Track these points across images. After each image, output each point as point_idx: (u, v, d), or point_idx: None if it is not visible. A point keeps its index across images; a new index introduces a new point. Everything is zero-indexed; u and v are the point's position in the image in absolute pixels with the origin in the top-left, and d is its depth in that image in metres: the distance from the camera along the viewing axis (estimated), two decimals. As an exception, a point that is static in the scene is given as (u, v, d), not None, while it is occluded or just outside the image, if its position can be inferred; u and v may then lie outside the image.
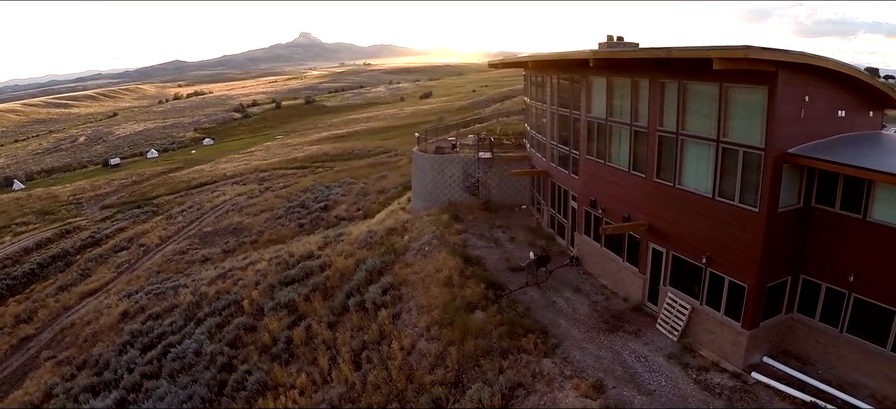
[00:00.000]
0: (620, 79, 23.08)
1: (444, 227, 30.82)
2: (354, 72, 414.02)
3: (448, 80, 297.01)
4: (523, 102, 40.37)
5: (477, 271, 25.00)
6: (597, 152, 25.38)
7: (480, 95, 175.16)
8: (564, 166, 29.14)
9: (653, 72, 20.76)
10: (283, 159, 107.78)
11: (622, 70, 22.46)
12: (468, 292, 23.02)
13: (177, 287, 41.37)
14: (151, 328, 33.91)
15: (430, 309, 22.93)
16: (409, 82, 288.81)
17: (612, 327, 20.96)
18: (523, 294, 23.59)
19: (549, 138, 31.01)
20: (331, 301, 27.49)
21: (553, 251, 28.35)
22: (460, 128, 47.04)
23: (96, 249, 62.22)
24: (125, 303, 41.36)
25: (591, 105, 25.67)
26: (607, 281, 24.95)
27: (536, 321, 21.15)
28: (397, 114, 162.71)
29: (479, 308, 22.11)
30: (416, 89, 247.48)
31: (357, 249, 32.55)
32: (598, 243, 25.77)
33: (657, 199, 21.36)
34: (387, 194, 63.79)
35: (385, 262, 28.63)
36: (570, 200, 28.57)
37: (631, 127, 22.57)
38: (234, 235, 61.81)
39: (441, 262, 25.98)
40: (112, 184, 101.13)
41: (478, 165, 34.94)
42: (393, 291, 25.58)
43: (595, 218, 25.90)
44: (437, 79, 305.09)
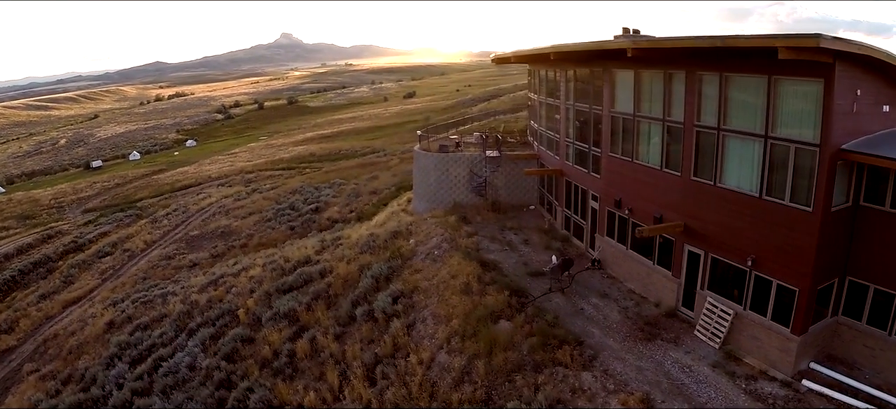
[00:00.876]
0: (651, 72, 21.74)
1: (452, 229, 29.10)
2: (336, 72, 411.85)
3: (431, 79, 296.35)
4: (528, 98, 38.73)
5: (495, 276, 23.34)
6: (622, 150, 24.06)
7: (465, 94, 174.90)
8: (583, 165, 27.60)
9: (691, 64, 19.41)
10: (269, 160, 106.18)
11: (655, 62, 21.01)
12: (490, 299, 21.32)
13: (165, 295, 39.20)
14: (140, 340, 31.76)
15: (448, 319, 21.18)
16: (392, 82, 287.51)
17: (648, 335, 19.69)
18: (548, 301, 22.04)
19: (565, 136, 29.44)
20: (335, 310, 25.59)
21: (571, 254, 26.77)
22: (459, 126, 45.22)
23: (79, 254, 59.64)
24: (111, 312, 39.10)
25: (616, 100, 24.32)
26: (635, 285, 23.60)
27: (569, 331, 19.59)
28: (382, 114, 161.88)
29: (503, 317, 20.43)
30: (399, 89, 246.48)
31: (359, 253, 30.67)
32: (623, 246, 24.47)
33: (694, 198, 20.10)
34: (380, 195, 61.93)
35: (392, 267, 26.80)
36: (590, 200, 27.08)
37: (663, 122, 21.21)
38: (222, 238, 59.59)
39: (455, 267, 24.22)
40: (94, 187, 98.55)
41: (485, 164, 33.18)
42: (404, 299, 23.76)
43: (620, 219, 24.54)
44: (419, 79, 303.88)
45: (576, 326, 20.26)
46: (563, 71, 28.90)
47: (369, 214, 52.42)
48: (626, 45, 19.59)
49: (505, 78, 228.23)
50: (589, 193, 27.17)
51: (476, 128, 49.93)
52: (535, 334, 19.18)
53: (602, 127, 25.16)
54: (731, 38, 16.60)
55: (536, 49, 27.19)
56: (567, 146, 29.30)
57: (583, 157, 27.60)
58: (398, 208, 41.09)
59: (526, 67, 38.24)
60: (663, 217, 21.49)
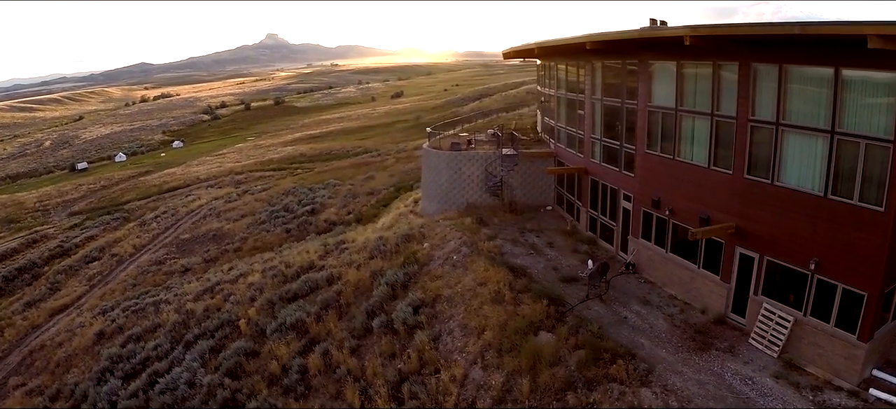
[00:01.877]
0: (697, 63, 20.14)
1: (470, 232, 27.19)
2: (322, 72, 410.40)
3: (418, 79, 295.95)
4: (541, 95, 36.90)
5: (527, 283, 21.43)
6: (661, 147, 22.43)
7: (454, 94, 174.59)
8: (612, 163, 25.90)
9: (745, 54, 17.81)
10: (258, 161, 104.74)
11: (704, 53, 19.29)
12: (526, 309, 19.46)
13: (157, 303, 36.97)
14: (133, 352, 29.58)
15: (479, 331, 19.29)
16: (379, 82, 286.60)
17: (701, 345, 18.15)
18: (586, 309, 20.26)
19: (590, 133, 27.71)
20: (348, 321, 23.58)
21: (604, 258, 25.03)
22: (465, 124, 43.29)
23: (65, 259, 57.19)
24: (100, 322, 36.86)
25: (653, 94, 22.68)
26: (676, 291, 22.01)
27: (619, 343, 17.78)
28: (370, 114, 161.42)
29: (543, 329, 18.60)
30: (386, 89, 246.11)
31: (368, 259, 28.67)
32: (661, 248, 22.87)
33: (748, 198, 18.55)
34: (378, 196, 60.12)
35: (408, 274, 24.81)
36: (621, 200, 25.36)
37: (711, 117, 19.60)
38: (214, 242, 57.42)
39: (481, 274, 22.31)
40: (80, 189, 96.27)
41: (500, 163, 31.27)
42: (426, 309, 21.80)
43: (658, 220, 22.92)
44: (406, 78, 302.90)
45: (622, 336, 18.53)
46: (590, 64, 27.15)
47: (370, 215, 50.51)
48: (683, 32, 17.79)
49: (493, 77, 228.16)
50: (620, 193, 25.47)
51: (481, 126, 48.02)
52: (583, 347, 17.40)
53: (637, 123, 23.52)
54: (812, 24, 14.89)
55: (566, 39, 25.30)
56: (593, 144, 27.58)
57: (613, 155, 25.90)
58: (405, 209, 39.07)
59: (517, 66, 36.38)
60: (711, 218, 20.00)
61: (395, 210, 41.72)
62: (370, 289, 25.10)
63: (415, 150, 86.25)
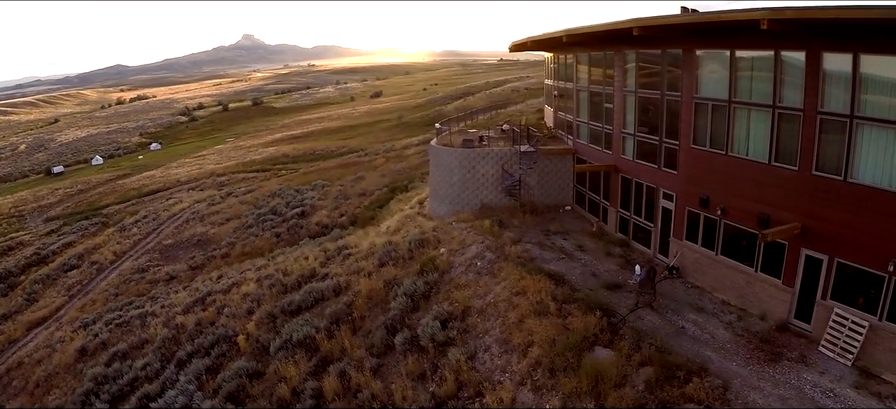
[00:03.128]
0: (752, 53, 18.37)
1: (491, 236, 24.93)
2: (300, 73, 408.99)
3: (396, 79, 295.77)
4: (554, 89, 34.73)
5: (568, 292, 19.19)
6: (711, 141, 20.42)
7: (434, 93, 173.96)
8: (649, 159, 23.85)
9: (813, 41, 16.11)
10: (239, 162, 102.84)
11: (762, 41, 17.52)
12: (575, 322, 17.24)
13: (143, 316, 34.24)
14: (119, 372, 26.90)
15: (523, 347, 17.05)
16: (357, 82, 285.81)
17: (770, 356, 16.30)
18: (638, 319, 18.12)
19: (620, 127, 25.61)
20: (365, 337, 21.16)
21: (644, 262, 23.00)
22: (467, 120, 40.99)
23: (43, 268, 54.03)
24: (82, 336, 34.06)
25: (700, 84, 20.72)
26: (728, 296, 20.07)
27: (687, 357, 15.74)
28: (351, 114, 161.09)
29: (599, 344, 16.40)
30: (364, 89, 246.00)
31: (378, 266, 26.29)
32: (709, 250, 20.90)
33: (816, 197, 16.84)
34: (371, 197, 57.79)
35: (428, 283, 22.43)
36: (660, 199, 23.29)
37: (772, 109, 17.74)
38: (199, 248, 54.68)
39: (517, 282, 20.04)
40: (56, 194, 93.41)
41: (518, 160, 29.02)
42: (456, 322, 19.47)
43: (706, 220, 20.96)
44: (384, 78, 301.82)
45: (685, 348, 16.48)
46: (621, 54, 25.07)
47: (366, 218, 48.12)
48: (760, 16, 15.70)
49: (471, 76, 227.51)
50: (659, 192, 23.42)
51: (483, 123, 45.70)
52: (650, 364, 15.29)
53: (681, 116, 21.49)
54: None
55: (602, 25, 22.97)
56: (623, 139, 25.51)
57: (649, 150, 23.84)
58: (411, 211, 36.59)
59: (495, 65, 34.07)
60: (771, 218, 18.16)
61: (399, 212, 39.27)
62: (386, 300, 22.71)
63: (404, 149, 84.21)
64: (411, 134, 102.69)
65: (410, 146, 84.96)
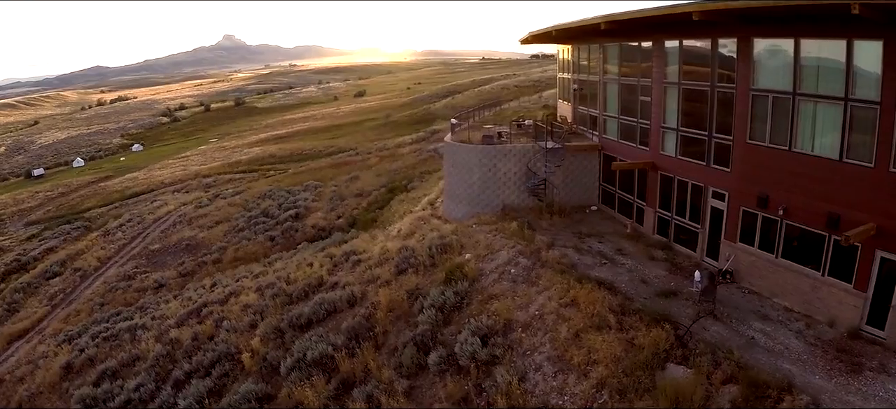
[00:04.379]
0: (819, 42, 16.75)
1: (523, 240, 22.76)
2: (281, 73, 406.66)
3: (379, 78, 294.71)
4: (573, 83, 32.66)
5: (622, 302, 17.08)
6: (771, 137, 18.57)
7: (420, 91, 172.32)
8: (696, 156, 21.91)
9: None
10: (225, 163, 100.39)
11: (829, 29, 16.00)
12: (641, 336, 15.20)
13: (133, 329, 31.64)
14: (110, 393, 24.38)
15: (582, 366, 14.96)
16: (340, 82, 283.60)
17: (851, 367, 14.67)
18: (703, 330, 16.14)
19: (660, 122, 23.59)
20: (390, 355, 18.89)
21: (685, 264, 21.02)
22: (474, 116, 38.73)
23: (23, 275, 51.08)
24: (67, 351, 31.44)
25: (757, 75, 18.87)
26: (791, 302, 18.26)
27: (770, 372, 13.85)
28: (336, 113, 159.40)
29: (671, 360, 14.39)
30: (348, 88, 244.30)
31: (395, 273, 24.01)
32: (768, 253, 19.06)
33: (894, 194, 15.20)
34: (369, 198, 55.56)
35: (458, 293, 20.18)
36: (709, 198, 21.29)
37: (845, 102, 16.01)
38: (188, 253, 52.10)
39: (563, 291, 17.90)
40: (36, 197, 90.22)
41: (545, 158, 26.86)
42: (498, 338, 17.24)
43: (765, 221, 19.14)
44: (367, 78, 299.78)
45: (761, 362, 14.59)
46: (660, 43, 23.07)
47: (367, 220, 45.86)
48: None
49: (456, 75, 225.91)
50: (707, 191, 21.46)
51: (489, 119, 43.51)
52: (734, 381, 13.45)
53: (736, 109, 19.63)
54: None
55: (654, 10, 20.69)
56: (663, 134, 23.48)
57: (696, 146, 21.87)
58: (423, 212, 34.18)
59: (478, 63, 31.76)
60: (842, 218, 16.43)
61: (408, 214, 36.86)
62: (410, 313, 20.45)
63: (398, 148, 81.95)
64: (400, 133, 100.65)
65: (404, 145, 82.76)
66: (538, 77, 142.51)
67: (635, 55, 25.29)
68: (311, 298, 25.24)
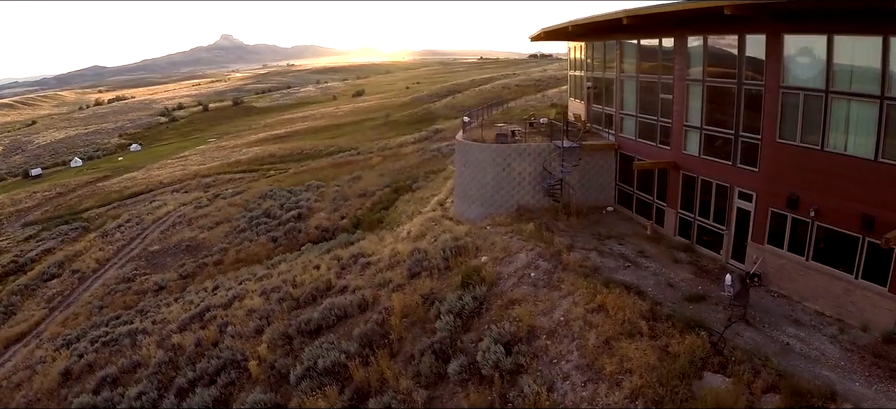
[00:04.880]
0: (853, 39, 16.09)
1: (542, 242, 21.91)
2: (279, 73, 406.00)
3: (377, 78, 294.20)
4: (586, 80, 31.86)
5: (650, 307, 16.23)
6: (801, 136, 17.91)
7: (420, 91, 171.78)
8: (721, 155, 21.14)
9: None
10: (224, 163, 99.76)
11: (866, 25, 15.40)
12: (675, 343, 14.41)
13: (133, 334, 30.79)
14: (110, 402, 23.56)
15: (614, 375, 14.11)
16: (338, 81, 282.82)
17: (890, 373, 14.18)
18: (736, 335, 15.35)
19: (682, 120, 22.80)
20: (406, 363, 18.04)
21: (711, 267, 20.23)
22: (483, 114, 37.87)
23: (21, 277, 50.18)
24: (65, 356, 30.62)
25: (787, 72, 18.19)
26: (822, 306, 17.64)
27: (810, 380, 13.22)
28: (335, 113, 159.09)
29: (708, 368, 13.62)
30: (346, 88, 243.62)
31: (407, 277, 23.17)
32: (798, 256, 18.36)
33: None
34: (373, 198, 54.69)
35: (476, 298, 19.34)
36: (735, 199, 20.53)
37: (881, 101, 15.46)
38: (189, 254, 51.24)
39: (590, 296, 17.06)
40: (34, 197, 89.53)
41: (561, 157, 26.05)
42: (522, 345, 16.39)
43: (795, 222, 18.45)
44: (365, 77, 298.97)
45: (799, 368, 13.94)
46: (683, 39, 22.30)
47: (372, 220, 45.02)
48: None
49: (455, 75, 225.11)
50: (732, 191, 20.68)
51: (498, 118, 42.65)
52: (776, 391, 12.69)
53: (764, 107, 18.92)
54: None
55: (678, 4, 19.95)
56: (685, 133, 22.70)
57: (721, 145, 21.11)
58: (433, 213, 33.29)
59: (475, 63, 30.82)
60: (877, 219, 15.80)
61: (418, 214, 35.96)
62: (426, 318, 19.61)
63: (400, 147, 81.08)
64: (400, 132, 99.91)
65: (406, 144, 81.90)
66: (539, 76, 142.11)
67: (656, 51, 24.48)
68: (319, 302, 24.40)
